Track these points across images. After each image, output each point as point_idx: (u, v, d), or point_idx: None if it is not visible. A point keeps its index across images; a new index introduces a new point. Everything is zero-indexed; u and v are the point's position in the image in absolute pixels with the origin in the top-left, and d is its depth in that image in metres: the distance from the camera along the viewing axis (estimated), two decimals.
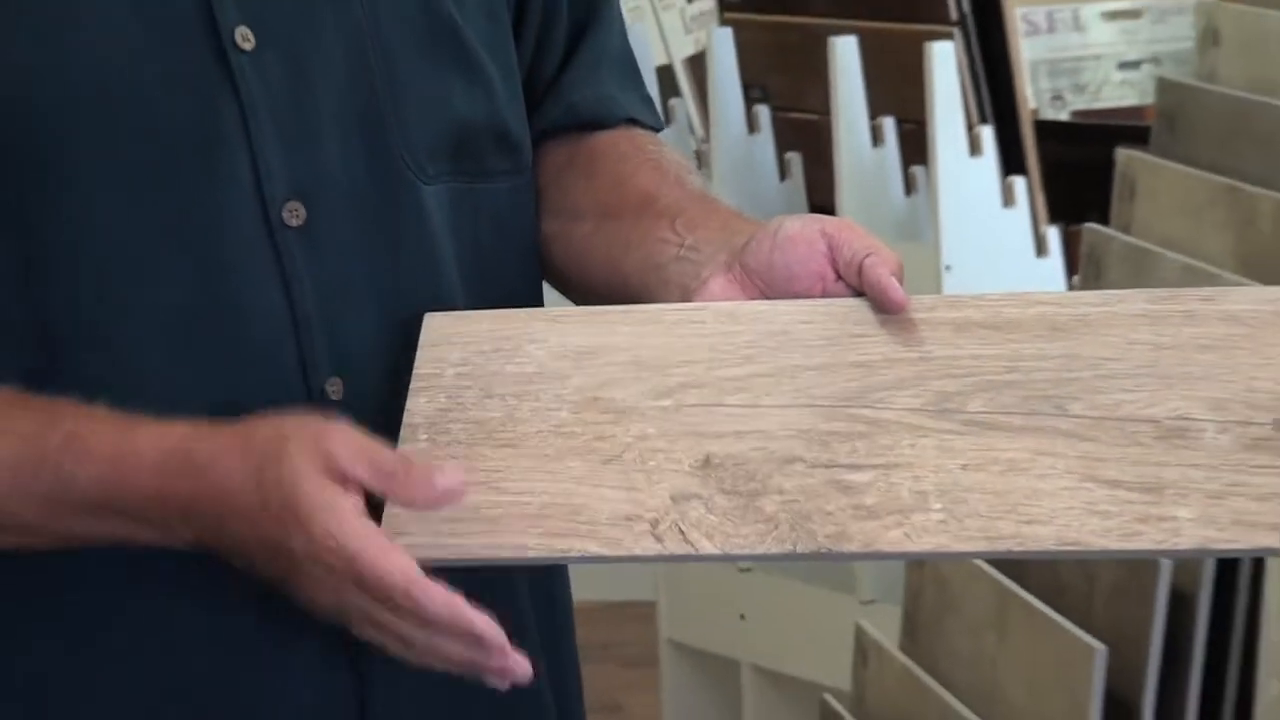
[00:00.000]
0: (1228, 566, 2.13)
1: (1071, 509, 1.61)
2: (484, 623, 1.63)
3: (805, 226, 1.76)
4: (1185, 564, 2.15)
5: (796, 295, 1.75)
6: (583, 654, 2.02)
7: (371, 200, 1.80)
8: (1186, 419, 1.63)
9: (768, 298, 1.76)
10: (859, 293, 1.73)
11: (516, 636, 1.71)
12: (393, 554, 1.63)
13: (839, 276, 1.74)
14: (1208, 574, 2.17)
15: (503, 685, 1.65)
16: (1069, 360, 1.67)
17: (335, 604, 1.66)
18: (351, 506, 1.63)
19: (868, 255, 1.73)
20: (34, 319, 1.74)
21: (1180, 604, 2.10)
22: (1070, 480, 1.62)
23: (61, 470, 1.70)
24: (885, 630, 2.51)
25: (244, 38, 1.76)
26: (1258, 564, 2.01)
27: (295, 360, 1.77)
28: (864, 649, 2.56)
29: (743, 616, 4.36)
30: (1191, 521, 1.60)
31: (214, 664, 1.79)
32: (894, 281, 1.71)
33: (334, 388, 1.77)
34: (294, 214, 1.77)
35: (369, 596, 1.64)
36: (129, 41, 1.74)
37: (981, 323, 1.71)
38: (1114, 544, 1.61)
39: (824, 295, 1.74)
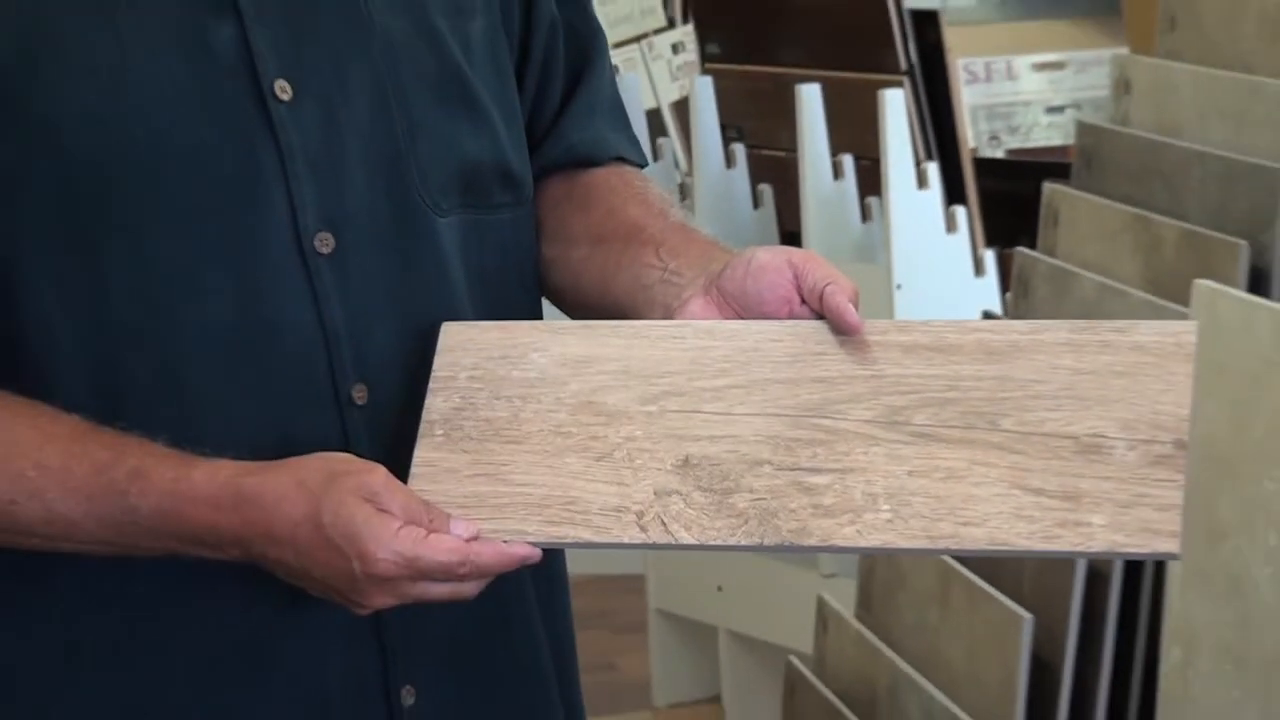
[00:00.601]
0: None
1: (1001, 513, 1.63)
2: (526, 550, 1.67)
3: (774, 257, 1.76)
4: None
5: (766, 316, 1.75)
6: (579, 622, 2.02)
7: (392, 231, 1.81)
8: (1101, 436, 1.64)
9: (741, 318, 1.76)
10: (821, 316, 1.74)
11: (517, 603, 1.79)
12: (441, 541, 1.65)
13: (803, 301, 1.74)
14: None
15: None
16: (1001, 381, 1.68)
17: (387, 602, 1.67)
18: (395, 525, 1.65)
19: (828, 284, 1.74)
20: (99, 334, 1.74)
21: (1096, 580, 2.10)
22: (1001, 487, 1.64)
23: (128, 500, 1.70)
24: (843, 601, 2.51)
25: (282, 89, 1.76)
26: None
27: (325, 369, 1.77)
28: (824, 617, 2.55)
29: (720, 588, 4.37)
30: (1103, 527, 1.61)
31: (254, 637, 1.79)
32: (851, 308, 1.72)
33: (359, 393, 1.78)
34: (324, 243, 1.77)
35: (430, 581, 1.66)
36: (182, 92, 1.74)
37: (927, 346, 1.72)
38: (1037, 545, 1.62)
39: (790, 317, 1.75)
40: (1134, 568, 2.09)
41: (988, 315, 2.65)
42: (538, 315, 1.93)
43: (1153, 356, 1.67)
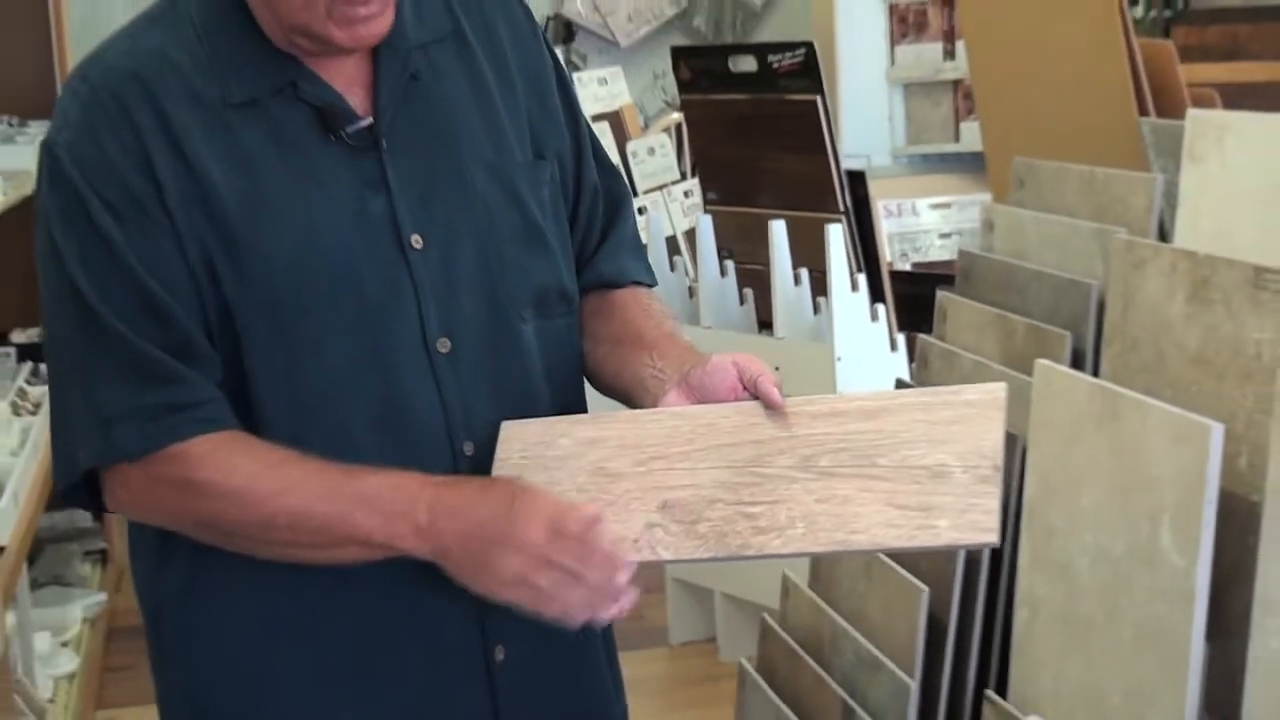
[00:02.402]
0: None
1: (878, 524, 1.65)
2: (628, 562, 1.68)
3: (723, 359, 1.79)
4: None
5: (720, 401, 1.77)
6: None
7: (489, 335, 1.82)
8: (945, 465, 1.66)
9: (703, 403, 1.78)
10: (755, 397, 1.76)
11: None
12: (579, 513, 1.66)
13: (745, 388, 1.77)
14: None
15: (618, 615, 1.70)
16: (877, 433, 1.70)
17: (524, 562, 1.66)
18: (565, 508, 1.67)
19: (760, 376, 1.76)
20: (291, 412, 1.75)
21: (972, 564, 2.09)
22: (878, 505, 1.66)
23: (361, 481, 1.70)
24: (800, 574, 2.49)
25: (416, 241, 1.78)
26: (1014, 539, 2.01)
27: (444, 434, 1.78)
28: (786, 586, 2.53)
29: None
30: (947, 528, 1.64)
31: (397, 610, 1.81)
32: (775, 391, 1.74)
33: (468, 448, 1.79)
34: (443, 345, 1.79)
35: (576, 550, 1.65)
36: (350, 243, 1.75)
37: (825, 413, 1.74)
38: (902, 544, 1.66)
39: (736, 400, 1.77)
40: (998, 555, 2.08)
41: (899, 382, 2.65)
42: (581, 388, 1.94)
43: (977, 409, 1.70)
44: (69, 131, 1.72)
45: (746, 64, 4.28)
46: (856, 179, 4.22)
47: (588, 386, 1.95)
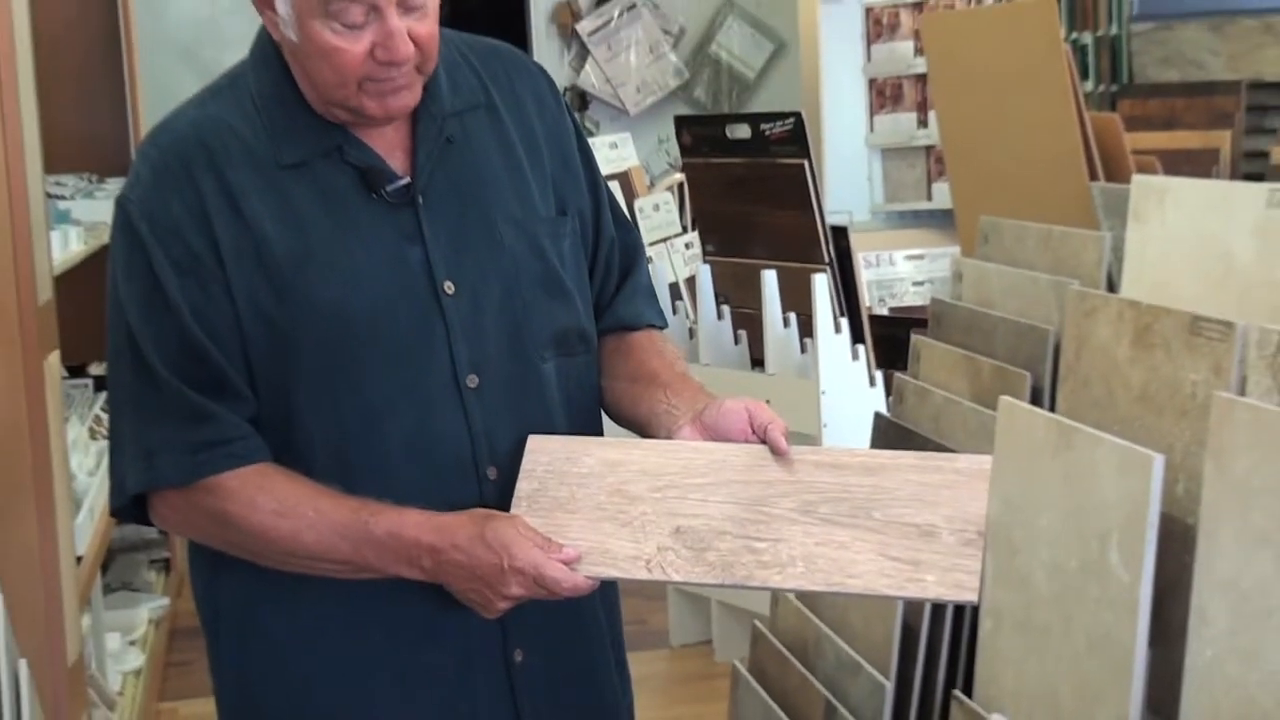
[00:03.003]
0: None
1: (870, 571, 1.63)
2: (587, 584, 1.69)
3: (737, 404, 1.78)
4: None
5: (731, 441, 1.76)
6: (623, 593, 2.03)
7: (513, 373, 1.81)
8: (934, 526, 1.65)
9: (714, 440, 1.77)
10: (764, 442, 1.75)
11: (586, 596, 1.74)
12: (553, 564, 1.68)
13: (755, 432, 1.76)
14: None
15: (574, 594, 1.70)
16: (875, 488, 1.68)
17: (514, 594, 1.68)
18: (530, 543, 1.68)
19: (770, 423, 1.75)
20: (336, 439, 1.76)
21: None
22: (871, 555, 1.64)
23: (368, 529, 1.71)
24: None
25: (448, 287, 1.78)
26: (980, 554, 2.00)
27: (470, 459, 1.78)
28: (776, 596, 2.52)
29: None
30: (933, 583, 1.62)
31: (423, 621, 1.81)
32: (783, 440, 1.73)
33: (492, 473, 1.79)
34: (471, 381, 1.78)
35: (537, 587, 1.68)
36: (389, 289, 1.75)
37: (829, 464, 1.72)
38: (893, 592, 1.64)
39: (746, 443, 1.75)
40: None
41: (878, 416, 2.63)
42: (599, 421, 1.93)
43: (965, 477, 1.68)
44: (140, 189, 1.74)
45: (741, 131, 4.29)
46: (839, 233, 4.21)
47: (605, 419, 1.95)
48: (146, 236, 1.71)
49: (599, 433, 1.91)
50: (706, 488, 1.71)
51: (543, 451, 1.77)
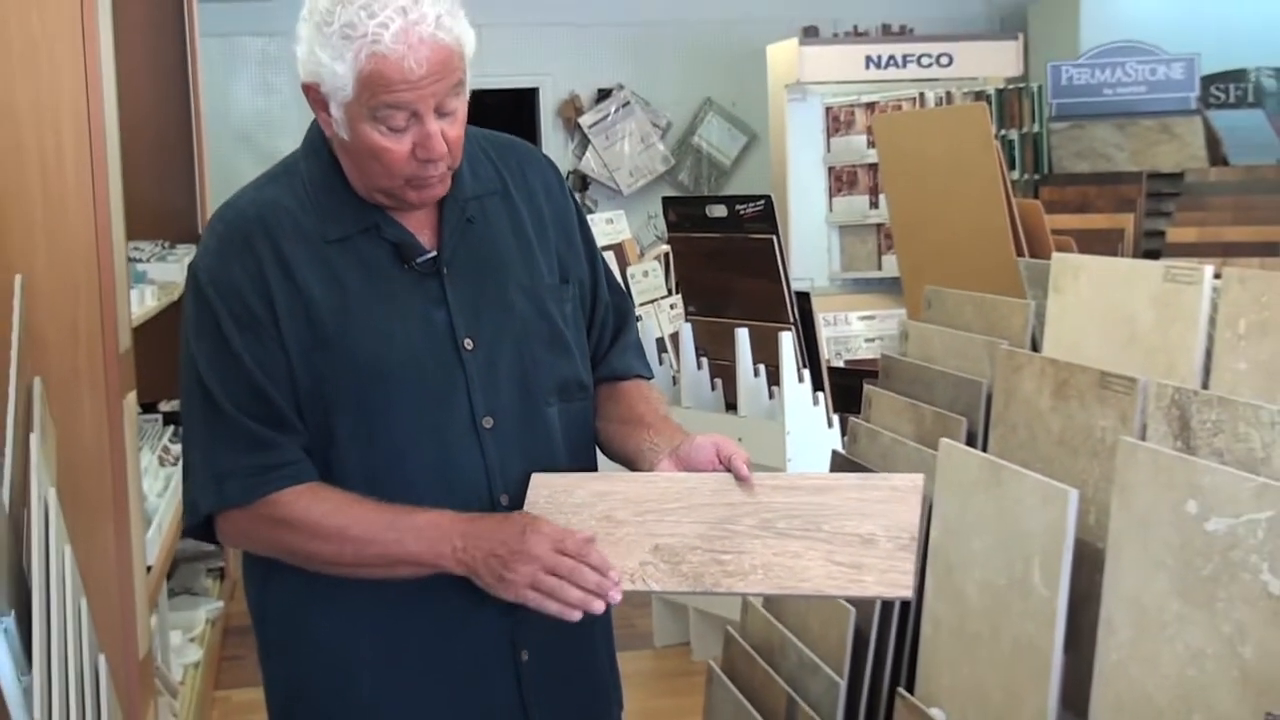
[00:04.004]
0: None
1: (819, 575, 1.62)
2: (614, 570, 1.66)
3: (706, 439, 1.77)
4: None
5: (702, 470, 1.75)
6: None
7: (523, 416, 1.80)
8: (873, 535, 1.64)
9: (688, 471, 1.75)
10: (729, 470, 1.74)
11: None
12: (575, 535, 1.66)
13: (721, 462, 1.75)
14: None
15: (599, 609, 1.66)
16: (822, 505, 1.67)
17: (534, 570, 1.64)
18: (566, 531, 1.67)
19: (733, 454, 1.74)
20: (368, 472, 1.74)
21: None
22: (820, 561, 1.63)
23: (412, 518, 1.70)
24: (757, 596, 2.46)
25: (468, 344, 1.77)
26: (922, 572, 1.99)
27: (486, 489, 1.77)
28: (745, 603, 2.52)
29: None
30: (873, 583, 1.61)
31: (445, 626, 1.79)
32: (744, 469, 1.72)
33: (504, 500, 1.78)
34: (487, 422, 1.77)
35: (563, 558, 1.64)
36: (416, 345, 1.74)
37: (785, 486, 1.71)
38: (837, 592, 1.63)
39: (714, 471, 1.74)
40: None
41: (835, 453, 2.63)
42: (594, 455, 1.92)
43: (900, 492, 1.67)
44: (209, 258, 1.76)
45: (719, 211, 4.30)
46: (803, 297, 4.21)
47: (599, 454, 1.94)
48: (213, 298, 1.73)
49: (594, 466, 1.91)
50: (680, 511, 1.71)
51: (543, 486, 1.77)
